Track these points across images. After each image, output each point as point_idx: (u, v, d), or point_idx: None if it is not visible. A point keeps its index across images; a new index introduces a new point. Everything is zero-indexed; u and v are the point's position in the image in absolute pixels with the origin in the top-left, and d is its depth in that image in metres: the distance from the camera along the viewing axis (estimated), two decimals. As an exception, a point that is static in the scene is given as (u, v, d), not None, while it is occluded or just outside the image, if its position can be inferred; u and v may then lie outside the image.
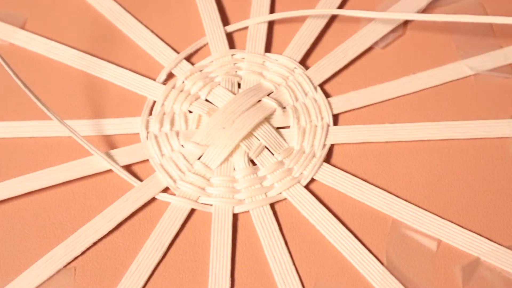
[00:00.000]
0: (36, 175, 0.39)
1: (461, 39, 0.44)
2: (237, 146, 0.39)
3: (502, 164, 0.39)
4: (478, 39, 0.44)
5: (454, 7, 0.45)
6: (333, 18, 0.45)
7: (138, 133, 0.40)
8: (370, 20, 0.45)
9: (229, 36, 0.45)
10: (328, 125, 0.41)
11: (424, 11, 0.45)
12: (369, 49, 0.44)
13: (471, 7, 0.45)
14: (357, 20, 0.45)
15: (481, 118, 0.41)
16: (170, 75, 0.43)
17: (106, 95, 0.42)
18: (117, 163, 0.39)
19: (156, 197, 0.38)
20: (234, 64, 0.43)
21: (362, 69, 0.43)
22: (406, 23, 0.45)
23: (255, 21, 0.43)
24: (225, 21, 0.45)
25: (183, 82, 0.42)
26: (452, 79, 0.43)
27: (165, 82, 0.42)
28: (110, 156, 0.39)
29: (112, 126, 0.41)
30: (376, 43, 0.44)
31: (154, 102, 0.42)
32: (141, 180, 0.39)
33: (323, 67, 0.43)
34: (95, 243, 0.37)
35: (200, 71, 0.43)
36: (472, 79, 0.43)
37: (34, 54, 0.44)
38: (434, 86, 0.42)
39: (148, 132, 0.40)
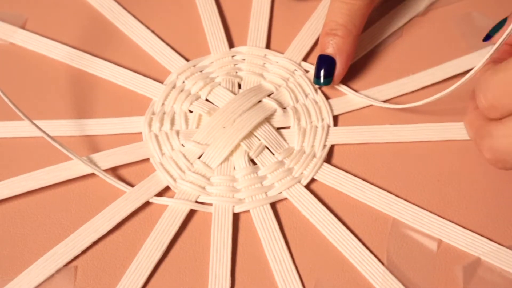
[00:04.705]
0: (35, 174, 0.38)
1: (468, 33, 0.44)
2: (237, 146, 0.39)
3: (502, 165, 0.39)
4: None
5: (452, 8, 0.46)
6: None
7: (139, 132, 0.40)
8: (369, 25, 0.45)
9: (229, 37, 0.45)
10: (329, 126, 0.41)
11: (422, 14, 0.45)
12: (369, 51, 0.44)
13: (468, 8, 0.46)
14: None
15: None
16: (170, 75, 0.43)
17: (106, 94, 0.42)
18: (115, 163, 0.39)
19: (154, 201, 0.38)
20: (235, 65, 0.43)
21: (362, 70, 0.43)
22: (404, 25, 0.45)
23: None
24: (225, 22, 0.45)
25: (184, 82, 0.42)
26: (451, 74, 0.43)
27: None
28: (110, 155, 0.39)
29: (113, 125, 0.41)
30: (376, 46, 0.44)
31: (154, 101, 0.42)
32: (132, 186, 0.38)
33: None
34: (95, 242, 0.37)
35: (201, 71, 0.43)
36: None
37: (35, 53, 0.44)
38: (433, 84, 0.42)
39: (150, 131, 0.40)
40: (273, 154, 0.39)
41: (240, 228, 0.37)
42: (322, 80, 0.41)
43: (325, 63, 0.41)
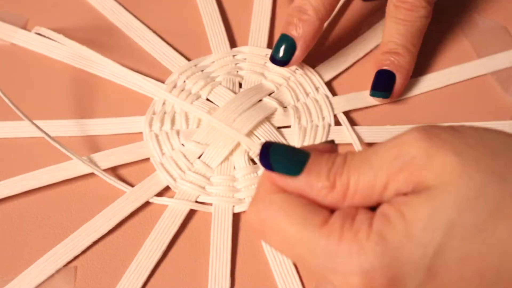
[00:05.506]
0: (35, 174, 0.38)
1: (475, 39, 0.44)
2: (237, 145, 0.39)
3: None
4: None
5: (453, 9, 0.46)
6: (334, 21, 0.45)
7: (140, 132, 0.40)
8: (370, 25, 0.45)
9: (231, 37, 0.45)
10: (330, 125, 0.41)
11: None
12: (370, 51, 0.44)
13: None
14: (358, 27, 0.45)
15: (483, 119, 0.41)
16: (171, 75, 0.43)
17: (107, 94, 0.42)
18: (116, 163, 0.39)
19: (154, 201, 0.38)
20: (236, 64, 0.43)
21: (363, 70, 0.43)
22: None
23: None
24: (227, 22, 0.45)
25: (184, 81, 0.42)
26: (454, 81, 0.43)
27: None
28: (110, 155, 0.39)
29: (114, 125, 0.41)
30: (377, 46, 0.44)
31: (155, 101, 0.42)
32: (132, 186, 0.38)
33: (324, 69, 0.43)
34: (95, 242, 0.37)
35: (202, 71, 0.43)
36: (474, 80, 0.43)
37: (36, 54, 0.44)
38: (435, 90, 0.43)
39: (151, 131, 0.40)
40: (274, 154, 0.39)
41: (240, 228, 0.37)
42: (382, 93, 0.41)
43: (385, 78, 0.40)
